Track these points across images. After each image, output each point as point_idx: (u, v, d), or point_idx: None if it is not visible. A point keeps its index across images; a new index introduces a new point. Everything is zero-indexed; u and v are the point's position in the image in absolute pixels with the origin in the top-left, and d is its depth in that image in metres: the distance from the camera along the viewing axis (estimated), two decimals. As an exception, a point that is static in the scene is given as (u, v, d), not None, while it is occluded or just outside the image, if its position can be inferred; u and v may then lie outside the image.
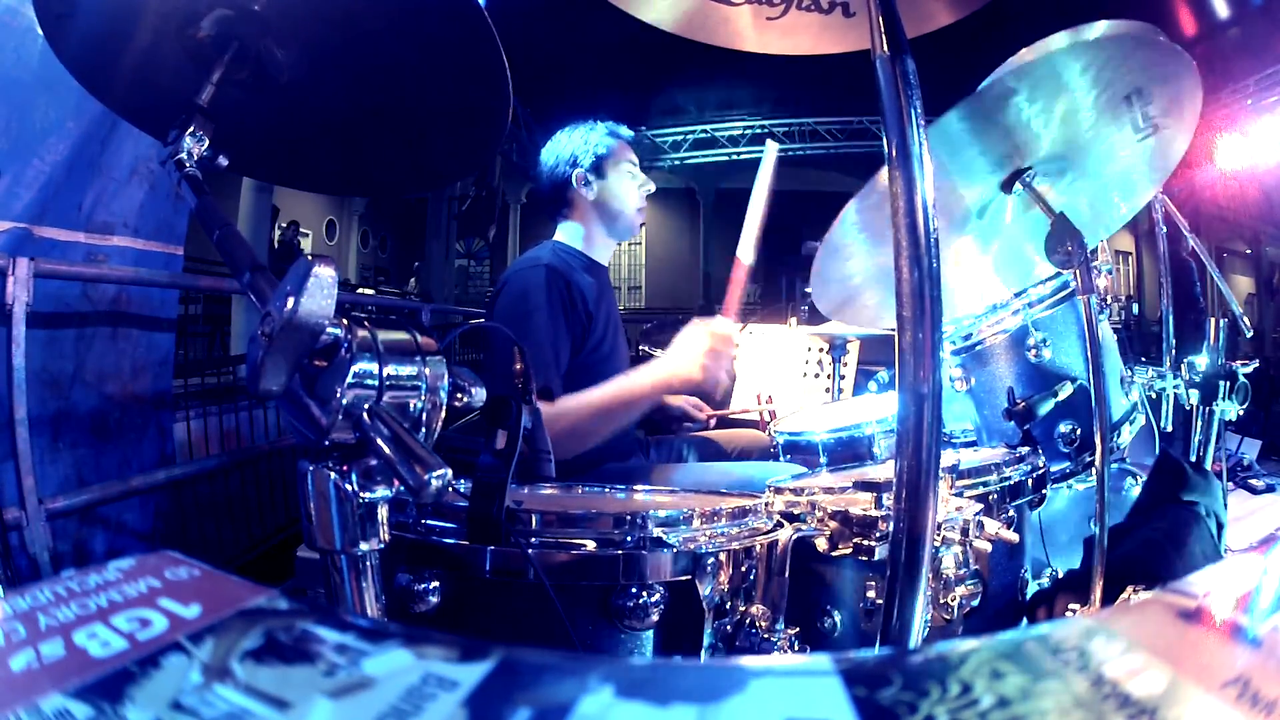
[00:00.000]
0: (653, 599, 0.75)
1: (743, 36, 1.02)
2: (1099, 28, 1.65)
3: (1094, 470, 1.13)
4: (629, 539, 0.77)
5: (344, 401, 0.48)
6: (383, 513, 0.52)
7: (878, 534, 0.88)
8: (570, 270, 1.63)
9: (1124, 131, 1.13)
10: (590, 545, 0.77)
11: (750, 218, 1.55)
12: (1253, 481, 3.56)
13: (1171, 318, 2.42)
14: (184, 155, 0.66)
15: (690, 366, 1.38)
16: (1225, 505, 1.69)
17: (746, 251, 1.54)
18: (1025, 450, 1.33)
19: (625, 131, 1.81)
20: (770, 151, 1.60)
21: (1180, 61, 1.05)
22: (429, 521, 0.81)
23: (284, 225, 10.00)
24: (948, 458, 1.10)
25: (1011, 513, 1.17)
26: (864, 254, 1.29)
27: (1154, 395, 1.73)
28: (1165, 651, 0.20)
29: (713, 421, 2.11)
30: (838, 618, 0.96)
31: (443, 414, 0.55)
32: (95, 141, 2.00)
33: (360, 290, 9.98)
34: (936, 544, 0.88)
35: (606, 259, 1.81)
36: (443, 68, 0.75)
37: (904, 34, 0.66)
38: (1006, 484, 1.18)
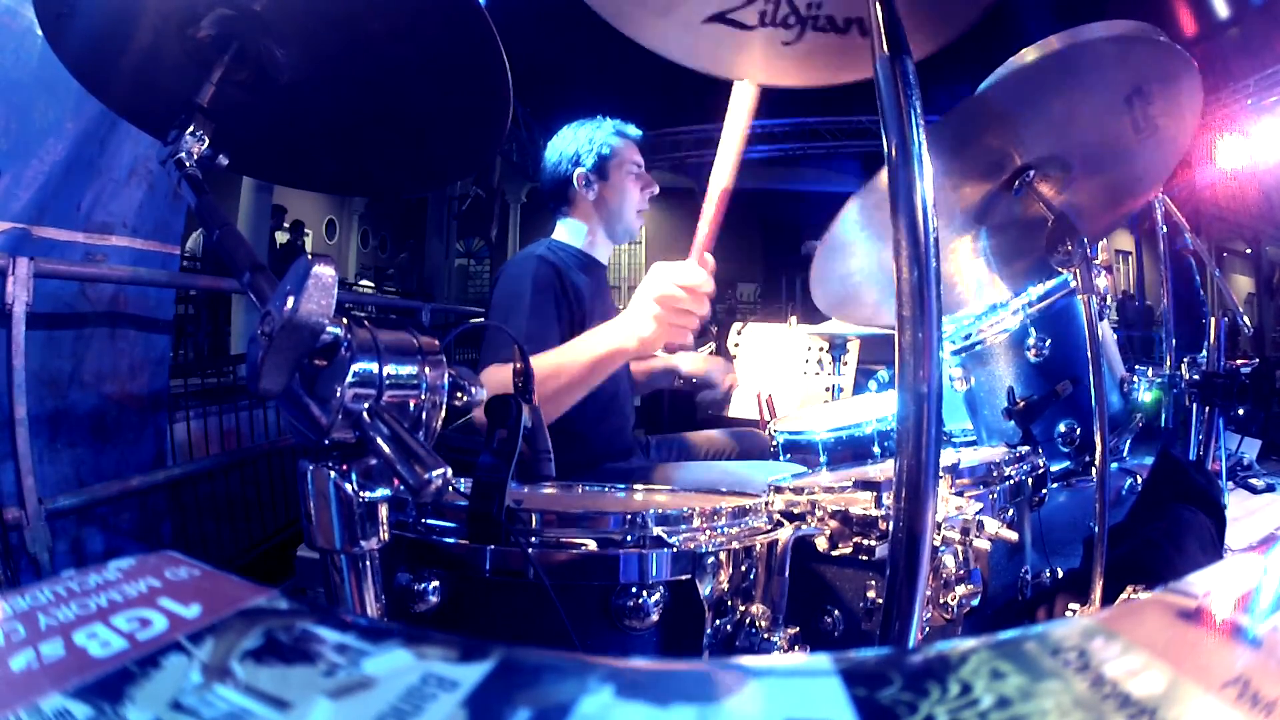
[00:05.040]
0: (653, 599, 0.75)
1: (758, 67, 0.98)
2: (1098, 28, 1.65)
3: (1094, 470, 1.13)
4: (629, 539, 0.77)
5: (344, 401, 0.48)
6: (383, 512, 0.52)
7: (878, 534, 0.88)
8: (565, 268, 1.62)
9: (1124, 131, 1.13)
10: (590, 545, 0.77)
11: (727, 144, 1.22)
12: (1253, 481, 3.56)
13: (1172, 317, 2.43)
14: (184, 155, 0.66)
15: (642, 323, 1.11)
16: (1225, 505, 1.69)
17: (723, 174, 1.19)
18: (1025, 450, 1.33)
19: (633, 131, 1.77)
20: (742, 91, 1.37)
21: (1180, 61, 1.05)
22: (429, 521, 0.81)
23: (288, 225, 9.99)
24: (948, 458, 1.10)
25: (1011, 513, 1.18)
26: (865, 252, 1.29)
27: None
28: (1165, 651, 0.20)
29: (727, 398, 2.03)
30: (838, 617, 0.96)
31: (443, 414, 0.55)
32: (94, 142, 2.00)
33: (361, 284, 10.00)
34: (936, 544, 0.88)
35: (605, 258, 1.80)
36: (443, 68, 0.75)
37: (904, 34, 0.66)
38: (1006, 484, 1.18)
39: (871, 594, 0.93)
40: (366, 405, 0.49)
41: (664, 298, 1.11)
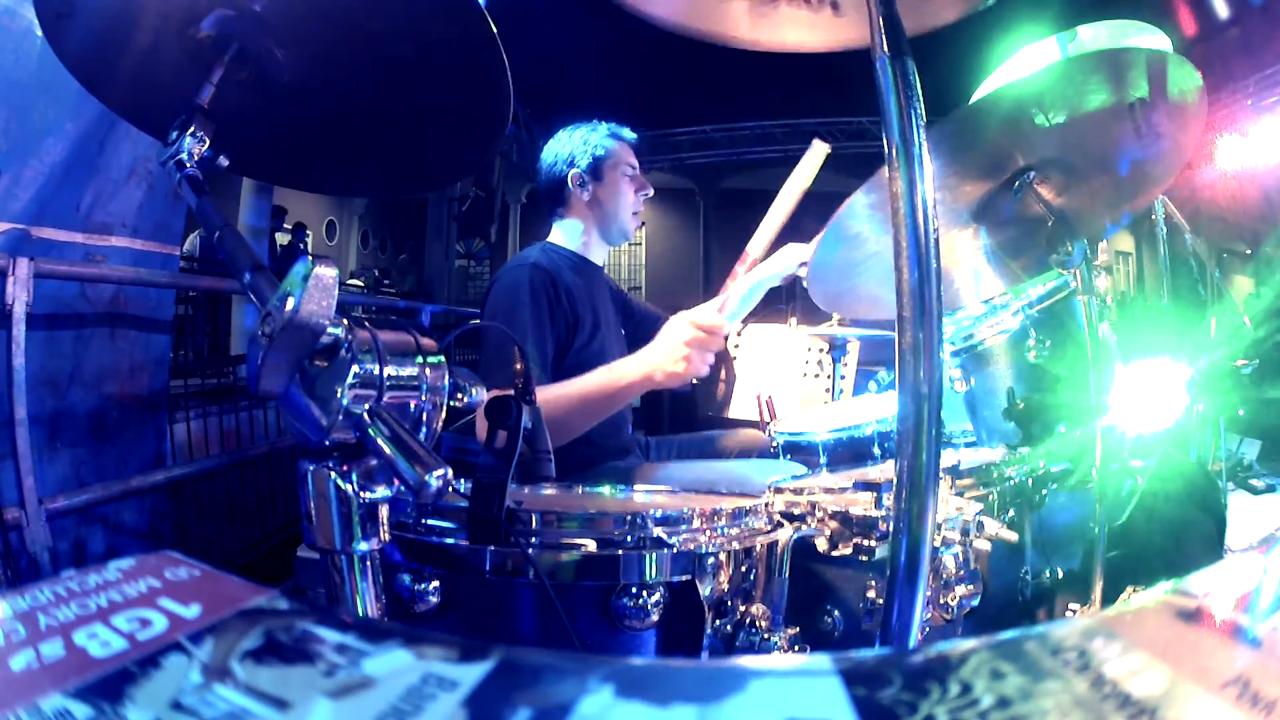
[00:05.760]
0: (653, 599, 0.75)
1: (733, 30, 1.01)
2: (1106, 34, 1.65)
3: (1094, 470, 1.13)
4: (629, 539, 0.77)
5: (344, 401, 0.48)
6: (383, 513, 0.52)
7: (878, 534, 0.88)
8: (559, 270, 1.62)
9: (1127, 137, 1.13)
10: (590, 545, 0.77)
11: (774, 213, 1.45)
12: (1253, 481, 3.57)
13: (1171, 317, 2.42)
14: (184, 155, 0.66)
15: (672, 360, 1.33)
16: (1225, 505, 1.69)
17: (757, 246, 1.46)
18: (1025, 450, 1.33)
19: (628, 134, 1.79)
20: (816, 152, 1.51)
21: (1186, 73, 1.05)
22: (429, 521, 0.81)
23: (289, 226, 9.96)
24: (948, 458, 1.10)
25: (1011, 513, 1.17)
26: (866, 245, 1.28)
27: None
28: (1165, 651, 0.20)
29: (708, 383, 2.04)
30: (838, 618, 0.96)
31: (443, 414, 0.55)
32: (93, 142, 2.00)
33: (351, 282, 9.96)
34: (936, 544, 0.88)
35: (601, 259, 1.81)
36: (443, 68, 0.75)
37: (904, 34, 0.66)
38: (1006, 484, 1.18)
39: (871, 594, 0.93)
40: (367, 406, 0.49)
41: (692, 340, 1.32)
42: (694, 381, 1.38)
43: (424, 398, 0.53)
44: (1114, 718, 0.18)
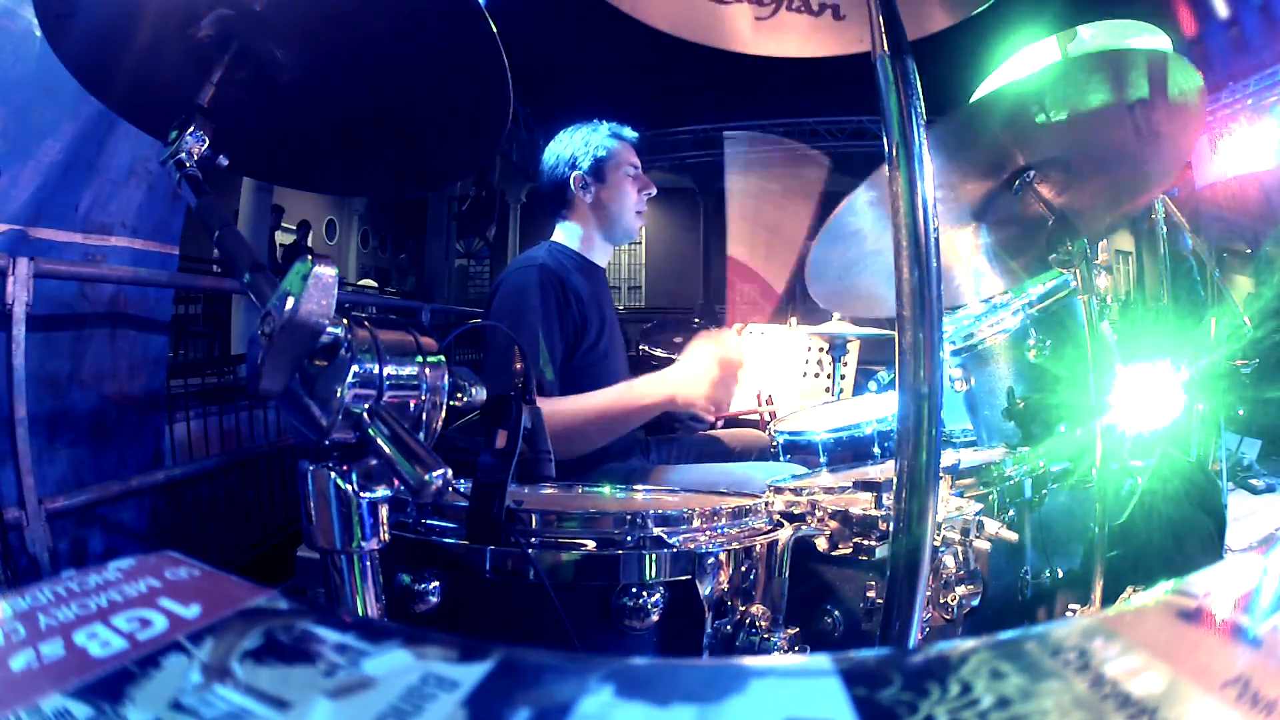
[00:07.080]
0: (653, 599, 0.75)
1: (734, 37, 1.02)
2: (1106, 33, 1.65)
3: (1094, 470, 1.13)
4: (629, 539, 0.77)
5: (344, 401, 0.48)
6: (383, 513, 0.52)
7: (878, 534, 0.88)
8: (565, 271, 1.62)
9: (1126, 136, 1.13)
10: (590, 545, 0.77)
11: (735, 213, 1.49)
12: (1253, 481, 3.57)
13: (1172, 317, 2.42)
14: (184, 155, 0.65)
15: (696, 389, 1.35)
16: (1225, 505, 1.69)
17: (739, 248, 1.50)
18: (1025, 450, 1.33)
19: (629, 133, 1.78)
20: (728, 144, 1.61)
21: (1187, 74, 1.05)
22: (429, 521, 0.81)
23: (293, 225, 9.94)
24: (948, 458, 1.10)
25: (1011, 513, 1.17)
26: (866, 243, 1.28)
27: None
28: (1165, 651, 0.20)
29: (720, 422, 2.09)
30: (838, 618, 0.96)
31: (443, 414, 0.55)
32: (93, 142, 2.00)
33: (359, 282, 9.98)
34: (936, 544, 0.88)
35: (604, 260, 1.80)
36: (443, 68, 0.75)
37: (904, 34, 0.66)
38: (1006, 484, 1.18)
39: (871, 594, 0.93)
40: (367, 406, 0.49)
41: (717, 372, 1.33)
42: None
43: (424, 397, 0.53)
44: (1114, 718, 0.18)
